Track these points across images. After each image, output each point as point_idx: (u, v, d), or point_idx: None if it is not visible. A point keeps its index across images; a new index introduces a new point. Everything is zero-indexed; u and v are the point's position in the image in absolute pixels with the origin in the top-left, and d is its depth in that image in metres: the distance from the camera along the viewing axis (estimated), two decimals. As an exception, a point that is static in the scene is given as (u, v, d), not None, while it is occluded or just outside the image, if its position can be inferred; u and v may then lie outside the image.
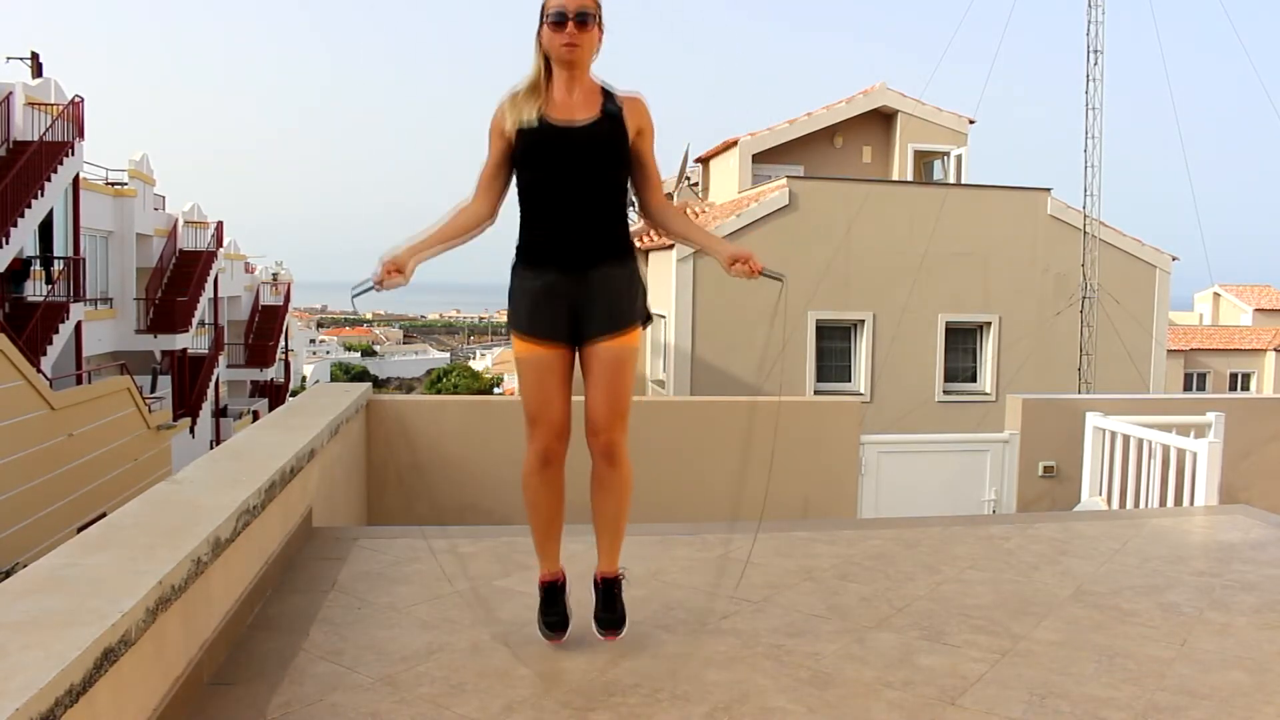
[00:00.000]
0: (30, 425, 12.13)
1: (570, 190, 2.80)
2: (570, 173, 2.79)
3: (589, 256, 2.81)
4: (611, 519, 2.96)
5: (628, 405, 2.89)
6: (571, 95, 2.81)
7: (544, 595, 3.00)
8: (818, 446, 6.86)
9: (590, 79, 2.85)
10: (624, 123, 2.83)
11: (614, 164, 2.84)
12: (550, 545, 3.01)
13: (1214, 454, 6.17)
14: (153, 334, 22.00)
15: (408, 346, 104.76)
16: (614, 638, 2.95)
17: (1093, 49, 17.83)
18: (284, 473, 3.54)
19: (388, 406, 6.30)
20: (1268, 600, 3.58)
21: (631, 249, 2.91)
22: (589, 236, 2.81)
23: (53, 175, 16.95)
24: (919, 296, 15.68)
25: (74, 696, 1.78)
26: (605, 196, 2.83)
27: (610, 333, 2.82)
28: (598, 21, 2.78)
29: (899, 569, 3.89)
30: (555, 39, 2.75)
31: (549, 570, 3.01)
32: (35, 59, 20.31)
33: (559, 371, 2.87)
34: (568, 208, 2.80)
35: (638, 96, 2.89)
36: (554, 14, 2.74)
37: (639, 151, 2.89)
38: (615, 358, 2.83)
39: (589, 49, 2.79)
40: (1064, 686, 2.76)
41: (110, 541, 2.51)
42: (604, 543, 3.00)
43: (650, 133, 2.91)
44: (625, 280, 2.86)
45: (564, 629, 2.97)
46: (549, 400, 2.87)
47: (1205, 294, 36.91)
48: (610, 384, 2.83)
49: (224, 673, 2.72)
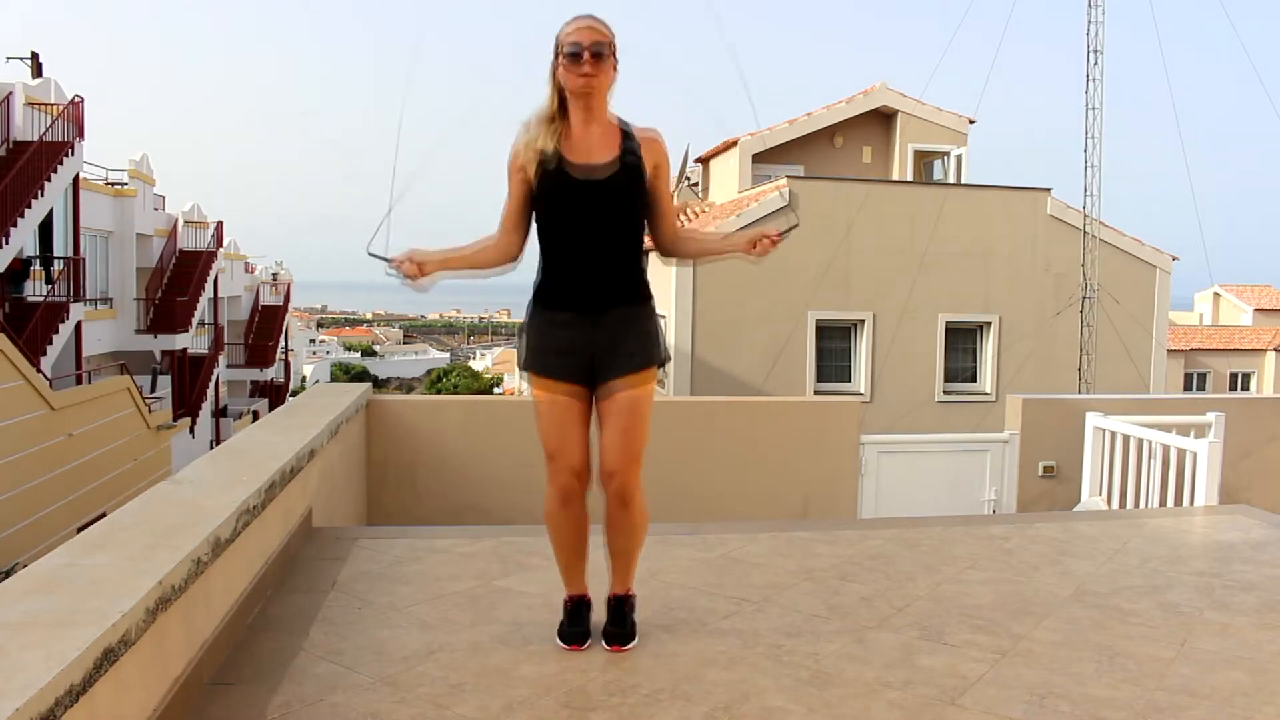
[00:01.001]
0: (30, 425, 12.13)
1: (589, 233, 2.80)
2: (589, 217, 2.79)
3: (606, 299, 2.82)
4: (624, 553, 2.99)
5: (642, 448, 2.88)
6: (589, 130, 2.81)
7: (569, 610, 3.02)
8: (818, 446, 6.86)
9: (607, 114, 2.84)
10: (643, 166, 2.83)
11: (632, 210, 2.85)
12: (576, 571, 3.03)
13: (1214, 454, 6.18)
14: (153, 334, 22.00)
15: (408, 346, 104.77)
16: (620, 650, 2.95)
17: (1093, 49, 17.83)
18: (284, 473, 3.54)
19: (388, 406, 6.30)
20: (1268, 600, 3.58)
21: (648, 291, 2.92)
22: (607, 280, 2.82)
23: (53, 175, 16.94)
24: (919, 296, 15.68)
25: (74, 696, 1.78)
26: (623, 240, 2.84)
27: (626, 374, 2.83)
28: (613, 53, 2.78)
29: (899, 569, 3.89)
30: (571, 73, 2.74)
31: (574, 591, 3.04)
32: (35, 59, 20.32)
33: (576, 413, 2.87)
34: (586, 252, 2.81)
35: (655, 136, 2.88)
36: (570, 48, 2.73)
37: (655, 189, 2.89)
38: (631, 401, 2.83)
39: (605, 82, 2.78)
40: (1064, 686, 2.76)
41: (110, 541, 2.51)
42: (616, 571, 3.02)
43: (666, 169, 2.91)
44: (642, 322, 2.87)
45: (583, 643, 2.98)
46: (566, 441, 2.87)
47: (1205, 294, 36.91)
48: (626, 427, 2.83)
49: (224, 673, 2.72)
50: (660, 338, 2.95)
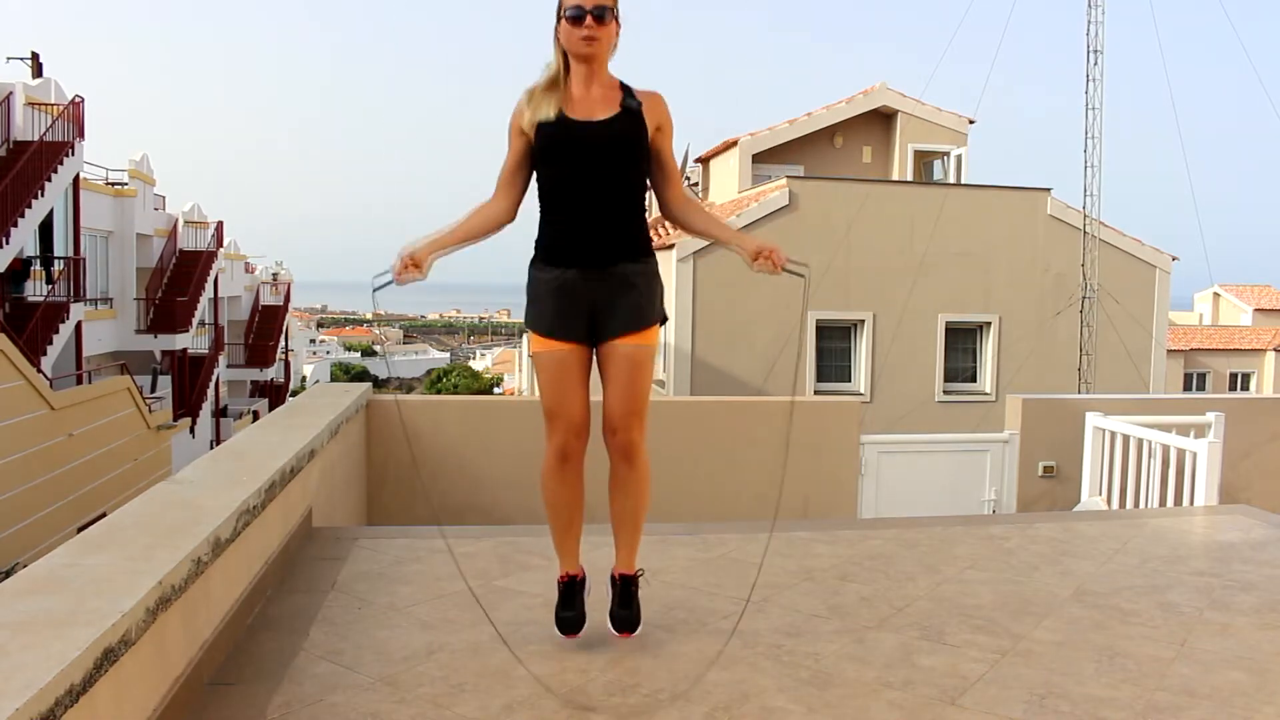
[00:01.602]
0: (30, 425, 12.13)
1: (590, 187, 2.79)
2: (590, 169, 2.78)
3: (608, 254, 2.80)
4: (630, 518, 2.96)
5: (645, 404, 2.88)
6: (590, 91, 2.81)
7: (562, 592, 3.00)
8: (818, 446, 6.86)
9: (609, 75, 2.85)
10: (643, 119, 2.82)
11: (633, 160, 2.83)
12: (569, 544, 3.00)
13: (1214, 454, 6.18)
14: (153, 334, 22.00)
15: (408, 346, 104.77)
16: (628, 636, 2.95)
17: (1093, 49, 17.83)
18: (284, 473, 3.54)
19: (388, 406, 6.30)
20: (1268, 600, 3.58)
21: (650, 247, 2.90)
22: (608, 233, 2.81)
23: (53, 175, 16.94)
24: (919, 296, 15.68)
25: (74, 696, 1.78)
26: (625, 193, 2.83)
27: (628, 331, 2.82)
28: (615, 16, 2.78)
29: (899, 569, 3.89)
30: (573, 34, 2.74)
31: (568, 569, 3.01)
32: (35, 59, 20.32)
33: (577, 369, 2.86)
34: (587, 204, 2.79)
35: (657, 93, 2.88)
36: (571, 9, 2.73)
37: (658, 148, 2.88)
38: (633, 356, 2.82)
39: (607, 43, 2.78)
40: (1064, 686, 2.76)
41: (110, 541, 2.51)
42: (622, 541, 3.00)
43: (669, 129, 2.90)
44: (644, 278, 2.86)
45: (579, 627, 2.96)
46: (567, 397, 2.85)
47: (1205, 294, 36.90)
48: (628, 383, 2.82)
49: (224, 673, 2.72)
50: (662, 294, 2.93)
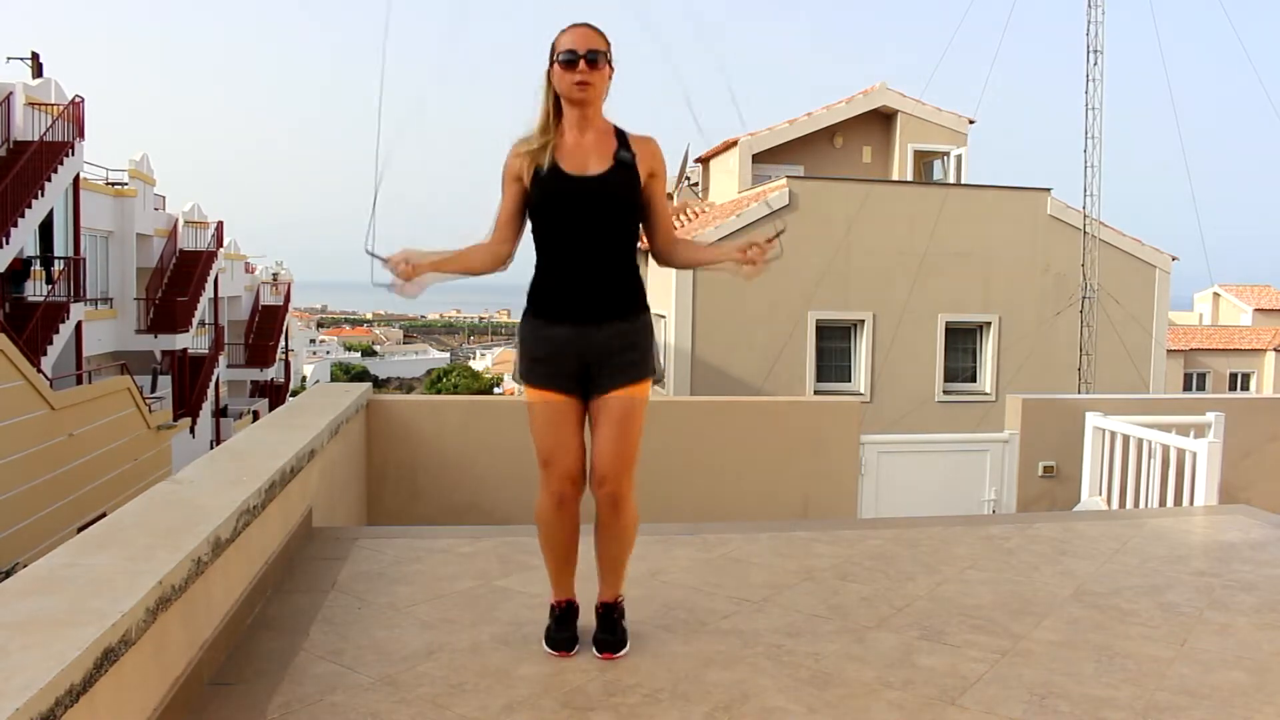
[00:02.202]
0: (30, 425, 12.13)
1: (583, 241, 2.79)
2: (584, 224, 2.78)
3: (602, 310, 2.80)
4: (614, 560, 2.97)
5: (635, 456, 2.87)
6: (584, 137, 2.80)
7: (556, 617, 3.01)
8: (818, 446, 6.86)
9: (602, 120, 2.84)
10: (637, 171, 2.82)
11: (628, 213, 2.84)
12: (565, 575, 3.02)
13: (1214, 454, 6.17)
14: (153, 334, 22.00)
15: (408, 346, 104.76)
16: (611, 658, 2.93)
17: (1093, 49, 17.83)
18: (284, 473, 3.54)
19: (388, 406, 6.30)
20: (1268, 600, 3.58)
21: (644, 301, 2.90)
22: (602, 289, 2.81)
23: (53, 175, 16.95)
24: (919, 296, 15.68)
25: (74, 696, 1.78)
26: (618, 246, 2.83)
27: (620, 386, 2.82)
28: (608, 60, 2.77)
29: (899, 569, 3.89)
30: (566, 79, 2.73)
31: (563, 596, 3.02)
32: (35, 59, 20.32)
33: (570, 419, 2.86)
34: (581, 258, 2.79)
35: (650, 140, 2.87)
36: (565, 54, 2.72)
37: (650, 195, 2.88)
38: (624, 409, 2.82)
39: (600, 88, 2.77)
40: (1064, 686, 2.76)
41: (110, 541, 2.51)
42: (605, 578, 2.99)
43: (663, 175, 2.90)
44: (637, 334, 2.86)
45: (572, 647, 2.96)
46: (561, 446, 2.85)
47: (1205, 294, 36.90)
48: (618, 435, 2.82)
49: (224, 673, 2.72)
50: (656, 351, 2.93)
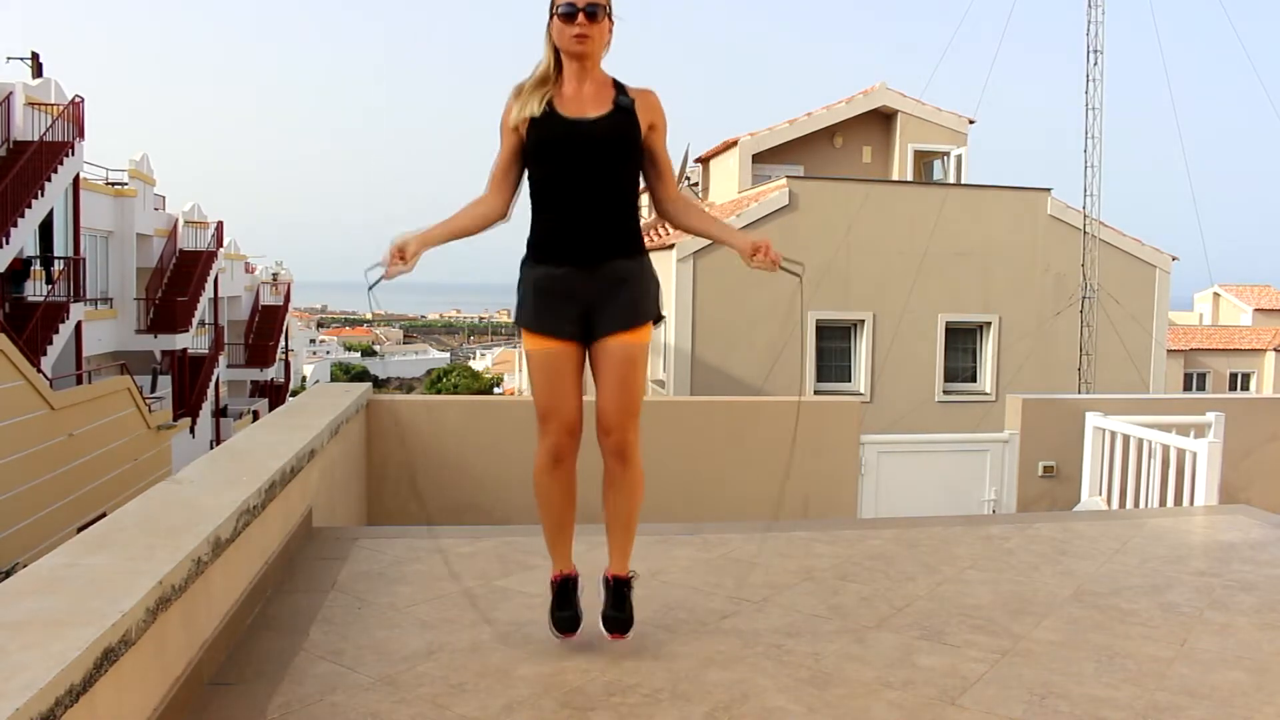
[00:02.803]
0: (30, 425, 12.13)
1: (582, 184, 2.78)
2: (582, 167, 2.77)
3: (601, 251, 2.79)
4: (623, 518, 2.95)
5: (639, 403, 2.86)
6: (582, 89, 2.79)
7: (555, 592, 2.99)
8: (818, 446, 6.86)
9: (601, 72, 2.83)
10: (636, 117, 2.80)
11: (626, 158, 2.82)
12: (562, 543, 2.99)
13: (1214, 454, 6.17)
14: (153, 334, 21.99)
15: (408, 346, 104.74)
16: (620, 638, 2.93)
17: (1093, 49, 17.83)
18: (284, 473, 3.54)
19: (388, 406, 6.30)
20: (1268, 600, 3.58)
21: (643, 244, 2.89)
22: (601, 231, 2.79)
23: (53, 175, 16.94)
24: (919, 296, 15.68)
25: (74, 696, 1.78)
26: (617, 191, 2.81)
27: (621, 329, 2.80)
28: (608, 14, 2.77)
29: (899, 569, 3.89)
30: (566, 31, 2.73)
31: (561, 568, 3.00)
32: (35, 59, 20.32)
33: (570, 368, 2.84)
34: (579, 202, 2.78)
35: (650, 90, 2.87)
36: (564, 6, 2.72)
37: (651, 146, 2.87)
38: (626, 355, 2.80)
39: (599, 41, 2.77)
40: (1064, 686, 2.76)
41: (110, 541, 2.51)
42: (615, 542, 2.99)
43: (663, 127, 2.88)
44: (637, 276, 2.84)
45: (574, 627, 2.96)
46: (560, 397, 2.84)
47: (1205, 294, 36.90)
48: (621, 382, 2.81)
49: (224, 673, 2.72)
50: (657, 291, 2.92)
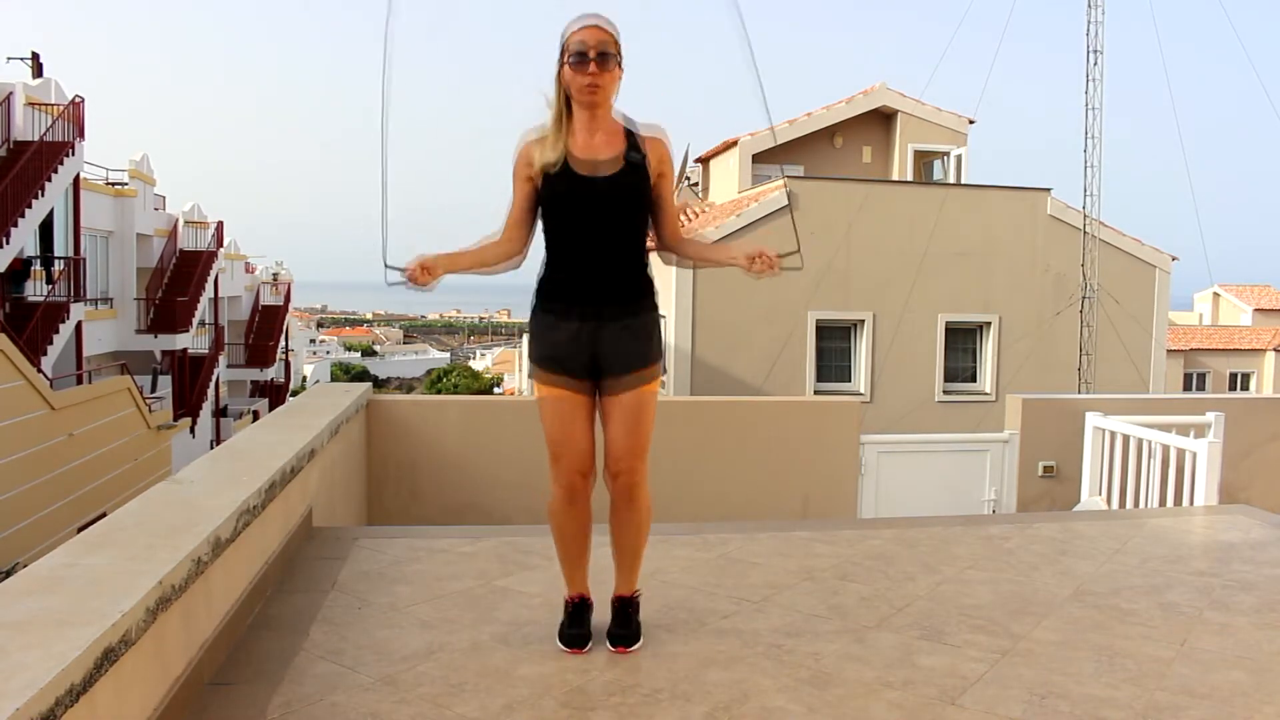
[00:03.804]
0: (30, 425, 12.12)
1: (593, 238, 2.81)
2: (594, 221, 2.80)
3: (610, 301, 2.83)
4: (630, 551, 2.99)
5: (647, 445, 2.90)
6: (594, 137, 2.81)
7: (570, 612, 3.02)
8: (818, 446, 6.86)
9: (612, 120, 2.85)
10: (647, 170, 2.84)
11: (637, 211, 2.86)
12: (579, 571, 3.03)
13: (1214, 454, 6.17)
14: (153, 334, 21.99)
15: (408, 346, 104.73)
16: (624, 652, 2.95)
17: (1093, 49, 17.84)
18: (284, 473, 3.54)
19: (388, 406, 6.30)
20: (1268, 600, 3.58)
21: (652, 293, 2.93)
22: (611, 282, 2.83)
23: (53, 175, 16.94)
24: (919, 296, 15.68)
25: (74, 696, 1.78)
26: (627, 242, 2.85)
27: (630, 376, 2.84)
28: (618, 62, 2.78)
29: (899, 569, 3.89)
30: (577, 79, 2.74)
31: (577, 591, 3.04)
32: (35, 59, 20.31)
33: (581, 411, 2.88)
34: (590, 254, 2.82)
35: (660, 137, 2.88)
36: (575, 54, 2.73)
37: (659, 192, 2.90)
38: (636, 399, 2.85)
39: (610, 88, 2.79)
40: (1064, 686, 2.76)
41: (110, 541, 2.51)
42: (621, 567, 3.02)
43: (671, 175, 2.92)
44: (646, 325, 2.88)
45: (584, 645, 2.97)
46: (571, 438, 2.87)
47: (1205, 294, 36.90)
48: (631, 425, 2.85)
49: (224, 673, 2.72)
50: (661, 341, 2.96)
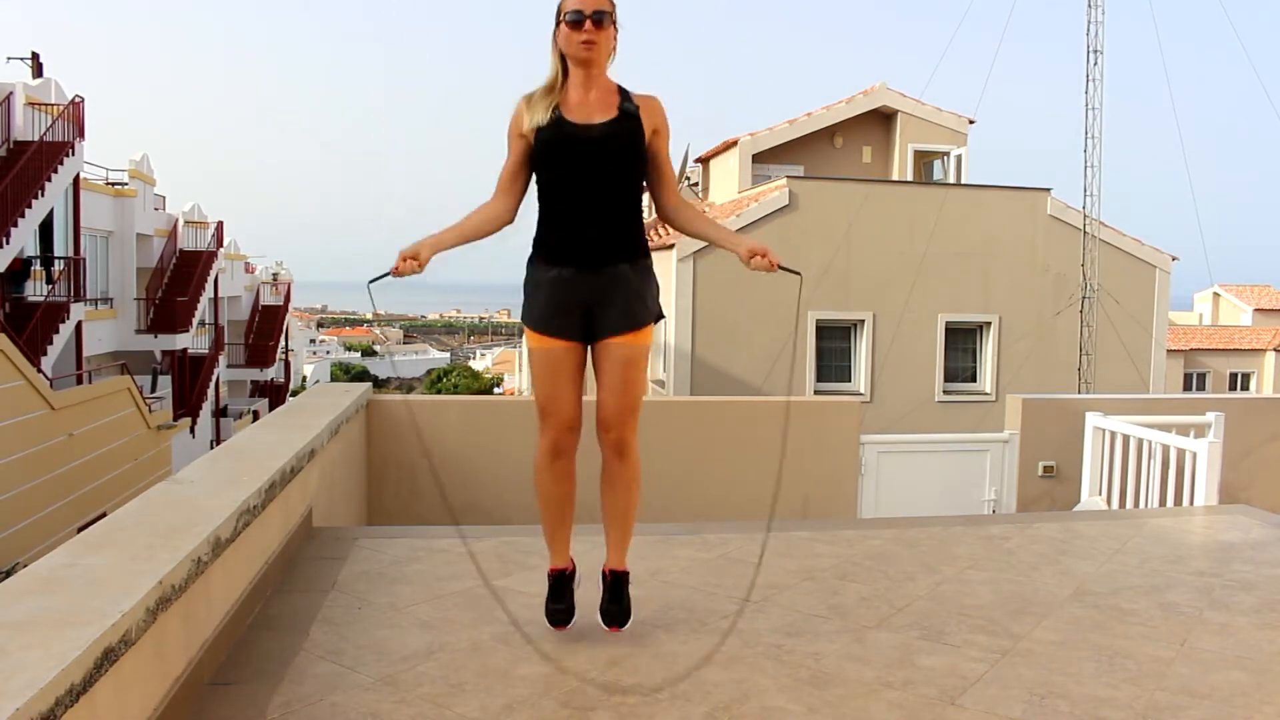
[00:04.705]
0: (30, 425, 12.12)
1: (587, 189, 2.83)
2: (587, 172, 2.82)
3: (604, 254, 2.85)
4: (620, 514, 3.01)
5: (639, 402, 2.93)
6: (589, 95, 2.85)
7: (552, 584, 3.05)
8: (818, 446, 6.86)
9: (607, 79, 2.89)
10: (641, 122, 2.86)
11: (630, 163, 2.87)
12: (560, 537, 3.05)
13: (1214, 454, 6.17)
14: (153, 334, 21.99)
15: (408, 346, 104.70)
16: (617, 630, 2.99)
17: (1093, 49, 17.84)
18: (284, 473, 3.54)
19: (388, 406, 6.30)
20: (1268, 600, 3.58)
21: (645, 248, 2.94)
22: (605, 235, 2.85)
23: (53, 175, 16.94)
24: (919, 296, 15.68)
25: (74, 696, 1.78)
26: (621, 195, 2.87)
27: (622, 330, 2.86)
28: (613, 21, 2.82)
29: (899, 569, 3.89)
30: (573, 38, 2.78)
31: (558, 562, 3.05)
32: (35, 59, 20.32)
33: (571, 366, 2.91)
34: (585, 206, 2.83)
35: (654, 97, 2.92)
36: (571, 14, 2.77)
37: (655, 151, 2.93)
38: (627, 355, 2.87)
39: (606, 48, 2.82)
40: (1064, 686, 2.76)
41: (110, 541, 2.51)
42: (612, 537, 3.04)
43: (666, 133, 2.94)
44: (639, 278, 2.90)
45: (568, 619, 3.01)
46: (560, 394, 2.90)
47: (1205, 294, 36.91)
48: (621, 381, 2.88)
49: (224, 673, 2.72)
50: (657, 294, 2.98)
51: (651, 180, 2.98)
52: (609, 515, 3.02)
